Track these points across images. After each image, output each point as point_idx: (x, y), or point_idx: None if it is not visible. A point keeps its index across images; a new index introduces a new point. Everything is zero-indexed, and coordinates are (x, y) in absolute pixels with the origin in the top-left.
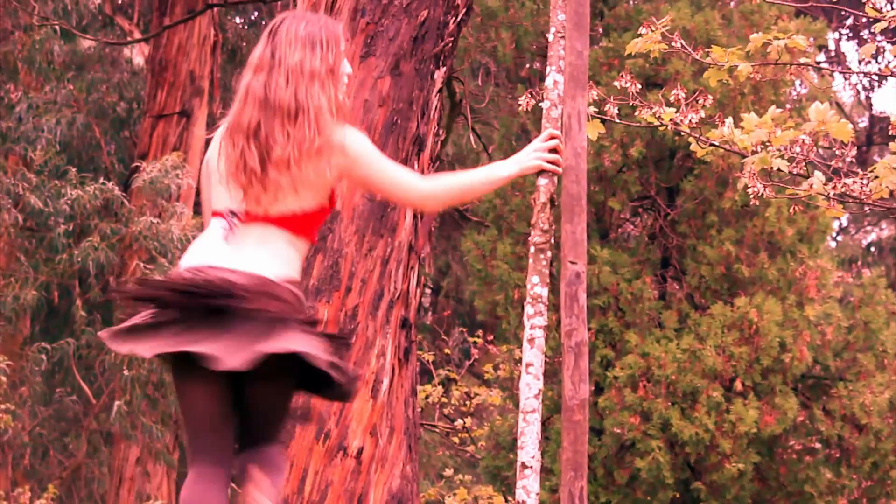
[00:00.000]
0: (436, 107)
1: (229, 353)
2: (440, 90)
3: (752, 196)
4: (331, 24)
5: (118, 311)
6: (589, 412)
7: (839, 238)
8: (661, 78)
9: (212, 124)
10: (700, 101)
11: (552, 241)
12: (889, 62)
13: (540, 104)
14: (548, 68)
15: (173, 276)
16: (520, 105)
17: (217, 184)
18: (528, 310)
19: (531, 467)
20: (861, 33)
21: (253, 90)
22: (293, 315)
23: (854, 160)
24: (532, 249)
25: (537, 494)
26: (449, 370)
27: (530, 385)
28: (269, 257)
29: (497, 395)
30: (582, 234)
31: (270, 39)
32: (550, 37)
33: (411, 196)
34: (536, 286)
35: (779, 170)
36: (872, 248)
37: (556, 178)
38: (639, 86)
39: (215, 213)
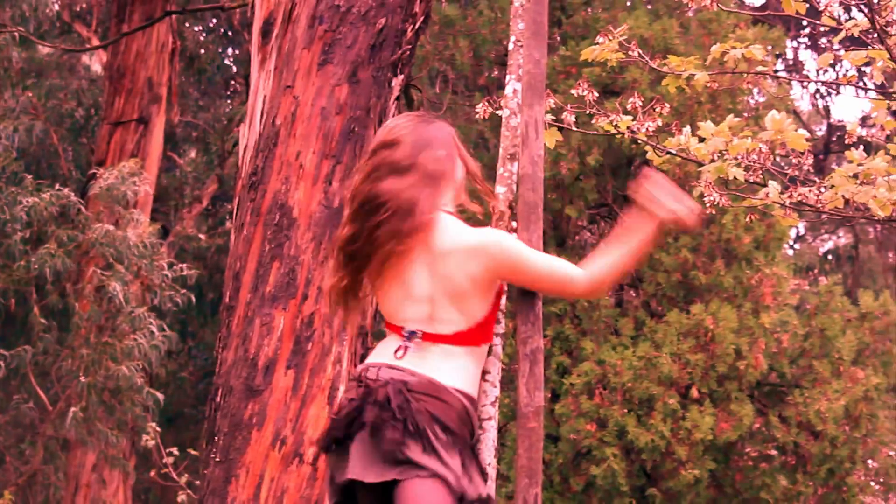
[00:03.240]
0: (393, 114)
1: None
2: (398, 98)
3: (708, 205)
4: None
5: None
6: (545, 419)
7: (796, 246)
8: (618, 86)
9: (169, 131)
10: (657, 110)
11: None
12: (847, 71)
13: (497, 112)
14: (507, 77)
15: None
16: (477, 113)
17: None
18: None
19: (487, 474)
20: (819, 42)
21: None
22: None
23: (811, 168)
24: None
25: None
26: None
27: (487, 392)
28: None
29: None
30: (538, 242)
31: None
32: (511, 45)
33: (577, 292)
34: None
35: (735, 178)
36: (829, 256)
37: (514, 187)
38: (596, 94)
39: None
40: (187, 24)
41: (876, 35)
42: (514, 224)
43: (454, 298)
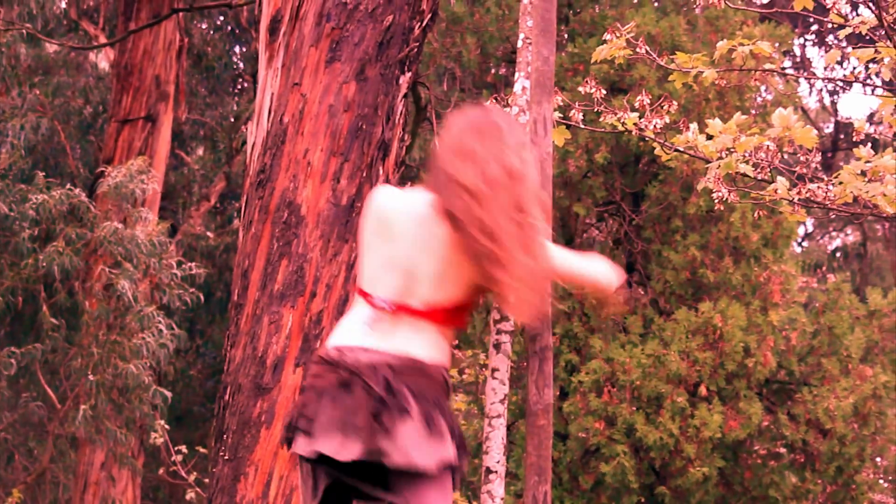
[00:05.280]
0: (401, 112)
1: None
2: (405, 95)
3: (716, 201)
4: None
5: (84, 315)
6: (554, 417)
7: (805, 244)
8: (626, 83)
9: (177, 129)
10: (665, 107)
11: None
12: (854, 68)
13: (505, 109)
14: (516, 74)
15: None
16: None
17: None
18: (495, 315)
19: (496, 472)
20: (826, 39)
21: None
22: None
23: (819, 166)
24: None
25: (502, 499)
26: None
27: (496, 390)
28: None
29: (462, 400)
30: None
31: None
32: (519, 43)
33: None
34: None
35: (744, 175)
36: (838, 254)
37: None
38: (604, 91)
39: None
40: (195, 22)
41: (883, 32)
42: None
43: (435, 274)
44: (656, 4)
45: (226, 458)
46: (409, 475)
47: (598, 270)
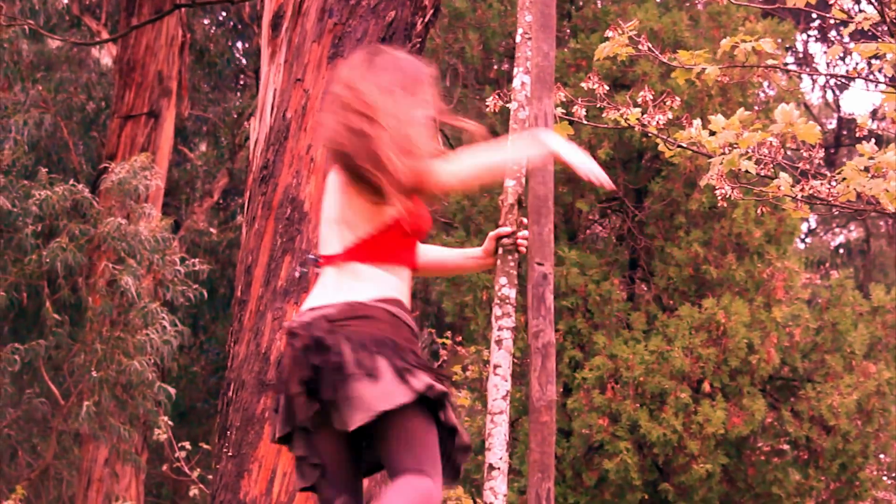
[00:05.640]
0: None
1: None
2: None
3: (719, 197)
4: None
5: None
6: (557, 414)
7: (808, 240)
8: (628, 79)
9: (179, 125)
10: (667, 103)
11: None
12: (857, 64)
13: (508, 105)
14: (515, 69)
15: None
16: (487, 106)
17: None
18: (496, 311)
19: (499, 468)
20: (829, 35)
21: None
22: (391, 337)
23: (822, 162)
24: (500, 251)
25: (505, 496)
26: None
27: (498, 386)
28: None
29: (466, 397)
30: (549, 236)
31: None
32: (518, 38)
33: (436, 185)
34: (504, 287)
35: (746, 171)
36: (841, 250)
37: (523, 180)
38: (606, 87)
39: None
40: (197, 18)
41: (886, 28)
42: (524, 220)
43: (341, 216)
44: (658, 0)
45: (229, 454)
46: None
47: (487, 156)
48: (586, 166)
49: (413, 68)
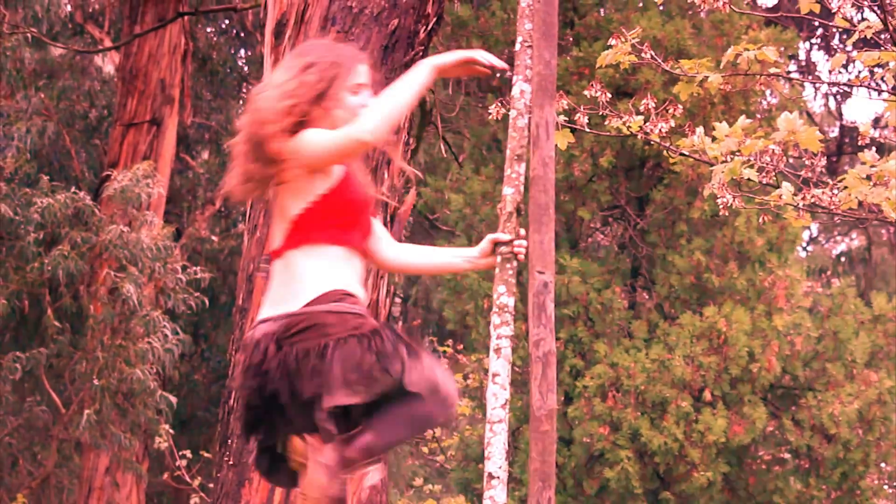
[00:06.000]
0: (406, 116)
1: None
2: None
3: (721, 206)
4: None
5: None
6: (558, 422)
7: (809, 248)
8: (631, 87)
9: (182, 133)
10: (670, 111)
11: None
12: (859, 72)
13: (510, 113)
14: (514, 77)
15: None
16: (490, 114)
17: None
18: (495, 319)
19: (498, 477)
20: (831, 43)
21: None
22: (337, 335)
23: (824, 170)
24: (498, 259)
25: None
26: None
27: (497, 395)
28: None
29: (466, 405)
30: (550, 244)
31: None
32: (517, 46)
33: (362, 146)
34: (503, 296)
35: (749, 179)
36: (842, 258)
37: (521, 188)
38: (609, 95)
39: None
40: (200, 26)
41: (889, 36)
42: (521, 231)
43: (273, 207)
44: (661, 8)
45: (230, 463)
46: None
47: (390, 100)
48: (478, 54)
49: (325, 53)
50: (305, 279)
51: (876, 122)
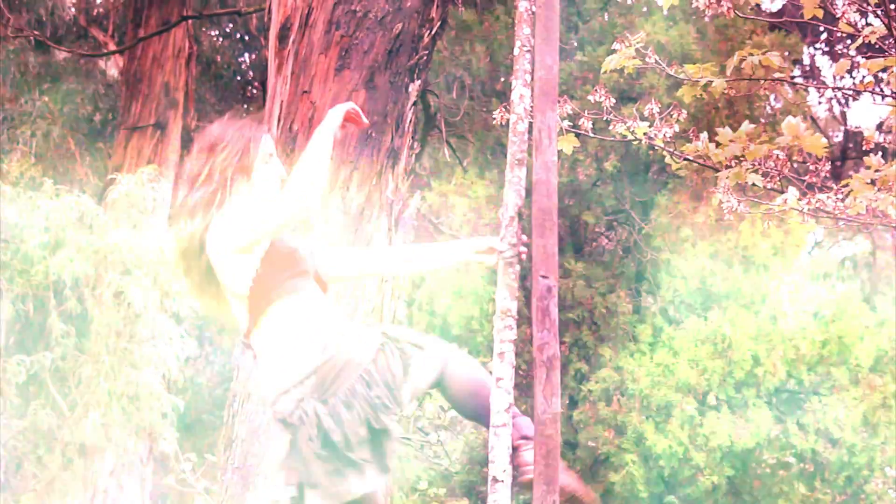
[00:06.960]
0: (410, 120)
1: None
2: (415, 103)
3: (726, 210)
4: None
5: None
6: (563, 426)
7: (814, 252)
8: (635, 92)
9: (186, 136)
10: (674, 116)
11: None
12: (864, 77)
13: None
14: (514, 82)
15: None
16: (494, 119)
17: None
18: (498, 324)
19: (502, 481)
20: (836, 48)
21: None
22: None
23: (828, 175)
24: (501, 263)
25: None
26: None
27: (500, 399)
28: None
29: None
30: (553, 248)
31: None
32: (516, 50)
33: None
34: (505, 300)
35: (753, 184)
36: (847, 263)
37: (522, 192)
38: (613, 100)
39: None
40: (203, 29)
41: (893, 41)
42: (524, 238)
43: (229, 298)
44: (666, 13)
45: (235, 466)
46: None
47: (308, 161)
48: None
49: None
50: (282, 357)
51: (880, 126)
